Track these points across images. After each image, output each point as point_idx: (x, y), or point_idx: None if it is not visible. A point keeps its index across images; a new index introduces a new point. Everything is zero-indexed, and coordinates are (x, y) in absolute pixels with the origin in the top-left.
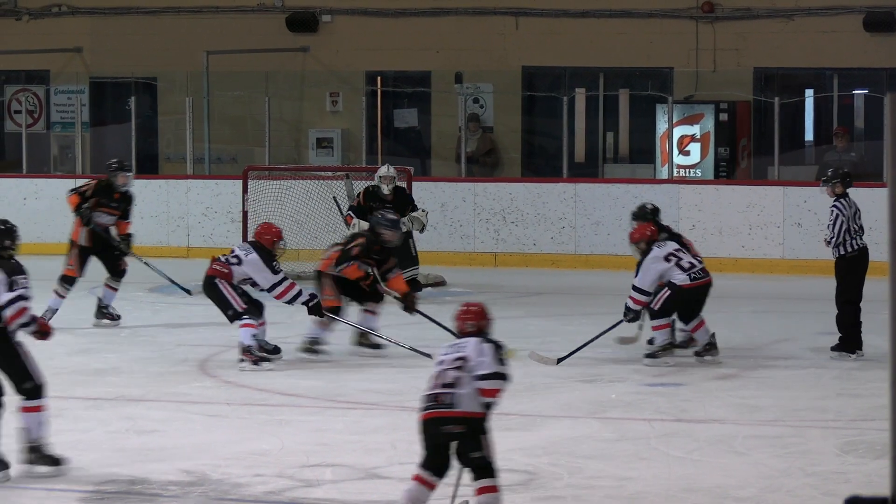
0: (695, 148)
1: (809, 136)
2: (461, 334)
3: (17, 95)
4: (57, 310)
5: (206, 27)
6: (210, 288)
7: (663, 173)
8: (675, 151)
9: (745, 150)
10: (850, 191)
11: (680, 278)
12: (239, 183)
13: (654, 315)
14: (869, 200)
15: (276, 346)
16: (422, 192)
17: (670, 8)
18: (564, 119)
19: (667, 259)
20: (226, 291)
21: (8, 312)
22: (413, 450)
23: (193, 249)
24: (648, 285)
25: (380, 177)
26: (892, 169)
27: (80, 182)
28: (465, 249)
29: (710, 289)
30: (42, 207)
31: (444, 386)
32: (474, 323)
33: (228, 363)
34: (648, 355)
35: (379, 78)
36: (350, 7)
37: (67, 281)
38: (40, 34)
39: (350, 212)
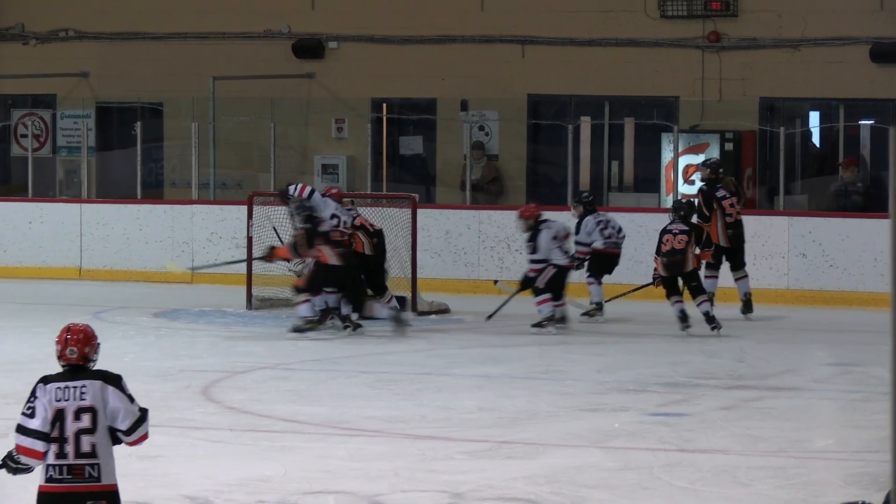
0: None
1: (815, 166)
2: (64, 363)
3: (23, 119)
4: None
5: (212, 53)
6: None
7: (668, 202)
8: (681, 180)
9: (750, 180)
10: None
11: (562, 260)
12: (244, 208)
13: (538, 291)
14: (874, 231)
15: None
16: (426, 219)
17: (676, 37)
18: (569, 147)
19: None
20: None
21: None
22: (416, 477)
23: (198, 275)
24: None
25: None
26: (895, 201)
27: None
28: (470, 277)
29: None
30: (47, 231)
31: (82, 455)
32: (77, 350)
33: (232, 389)
34: (535, 325)
35: (384, 105)
36: (356, 34)
37: None
38: (47, 58)
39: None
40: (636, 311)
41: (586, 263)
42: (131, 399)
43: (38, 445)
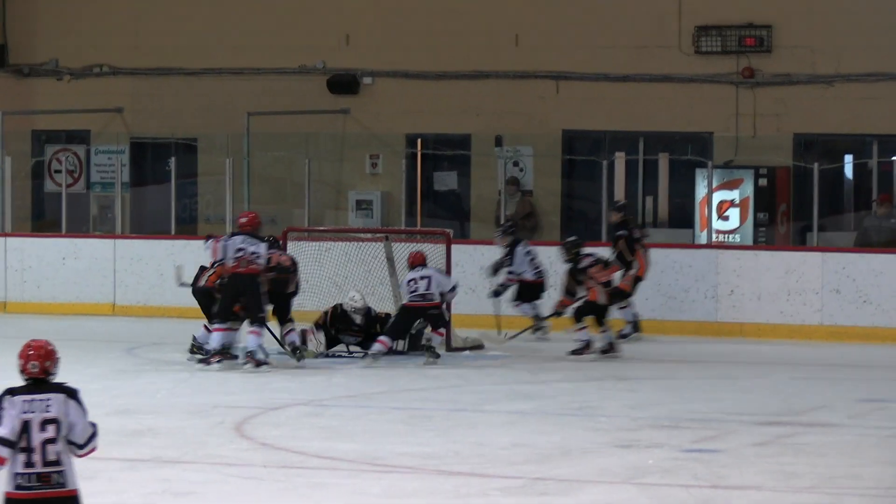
0: (734, 213)
1: (849, 202)
2: (27, 376)
3: (57, 155)
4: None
5: (247, 88)
6: None
7: (702, 238)
8: (715, 216)
9: (784, 216)
10: None
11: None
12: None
13: (387, 332)
14: None
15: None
16: (461, 255)
17: (711, 73)
18: (604, 183)
19: (408, 283)
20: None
21: None
22: None
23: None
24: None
25: (354, 308)
26: None
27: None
28: (503, 313)
29: (424, 311)
30: (81, 267)
31: (49, 463)
32: (38, 364)
33: (265, 425)
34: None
35: (419, 140)
36: (391, 70)
37: None
38: (81, 94)
39: (313, 326)
40: (665, 350)
41: (510, 291)
42: (86, 414)
43: (5, 452)
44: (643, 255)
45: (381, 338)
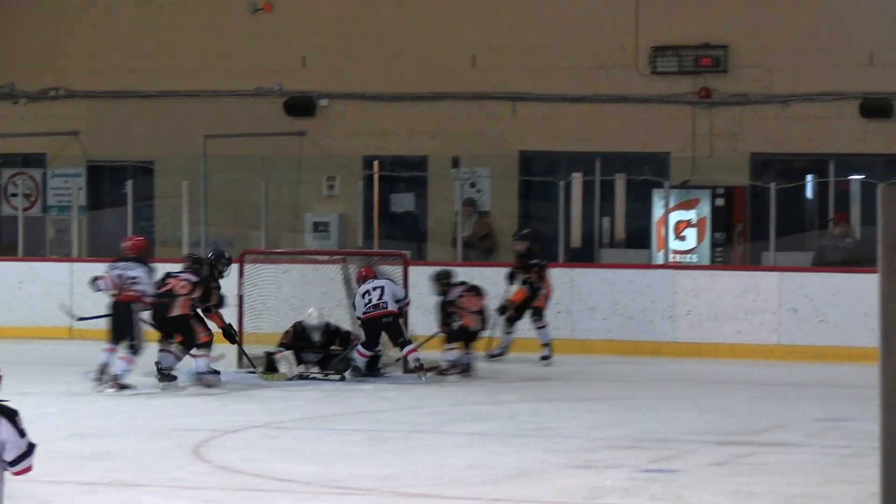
0: (691, 233)
1: (806, 221)
2: None
3: (13, 178)
4: None
5: (203, 111)
6: None
7: (659, 258)
8: (672, 236)
9: (741, 236)
10: None
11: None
12: (235, 267)
13: (365, 346)
14: (864, 286)
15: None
16: (418, 276)
17: (667, 93)
18: (561, 204)
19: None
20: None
21: None
22: None
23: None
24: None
25: (311, 325)
26: (884, 259)
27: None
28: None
29: (378, 320)
30: (38, 291)
31: None
32: None
33: (223, 448)
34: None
35: (376, 162)
36: (347, 91)
37: None
38: (37, 117)
39: (281, 347)
40: (622, 370)
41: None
42: (22, 434)
43: None
44: (548, 279)
45: (359, 349)
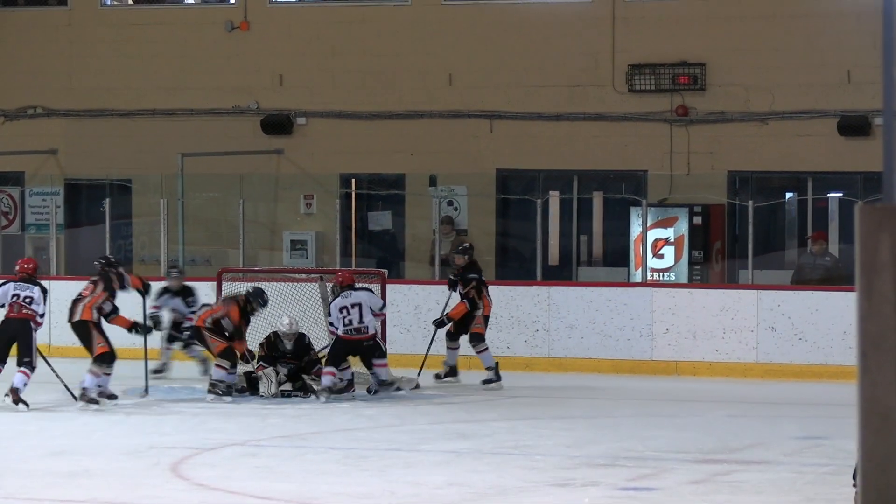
0: (669, 251)
1: (784, 239)
2: None
3: None
4: None
5: (180, 129)
6: None
7: (637, 276)
8: (649, 254)
9: (719, 254)
10: None
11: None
12: (213, 284)
13: (328, 362)
14: (843, 305)
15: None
16: (396, 294)
17: (645, 111)
18: (538, 222)
19: (339, 310)
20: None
21: None
22: None
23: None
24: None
25: (283, 332)
26: (862, 277)
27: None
28: (440, 352)
29: (359, 344)
30: None
31: None
32: None
33: (201, 465)
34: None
35: (353, 180)
36: (324, 110)
37: None
38: (15, 136)
39: (262, 362)
40: (600, 388)
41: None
42: None
43: None
44: (487, 296)
45: (327, 369)
